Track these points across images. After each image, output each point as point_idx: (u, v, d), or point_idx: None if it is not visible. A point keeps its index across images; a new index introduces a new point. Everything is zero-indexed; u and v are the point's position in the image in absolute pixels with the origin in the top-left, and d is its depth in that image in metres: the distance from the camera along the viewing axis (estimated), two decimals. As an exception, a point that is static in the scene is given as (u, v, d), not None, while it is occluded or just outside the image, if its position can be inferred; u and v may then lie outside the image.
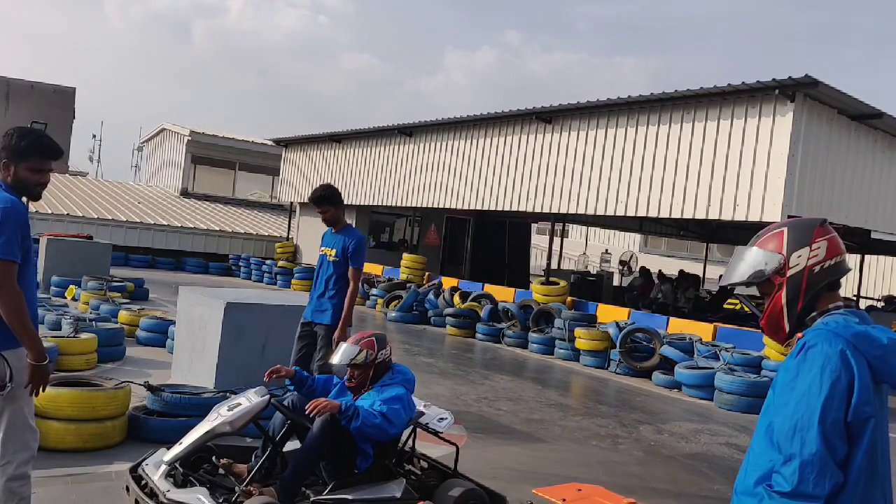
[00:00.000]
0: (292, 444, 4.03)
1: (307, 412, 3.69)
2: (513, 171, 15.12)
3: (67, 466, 4.58)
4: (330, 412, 3.66)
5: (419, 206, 18.17)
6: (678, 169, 11.83)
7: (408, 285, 16.54)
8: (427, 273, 17.79)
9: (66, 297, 12.23)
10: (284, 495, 3.58)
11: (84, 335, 7.36)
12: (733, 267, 2.02)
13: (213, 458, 3.92)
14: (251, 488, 3.59)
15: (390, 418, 3.76)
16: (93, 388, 5.06)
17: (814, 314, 1.91)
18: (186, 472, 3.70)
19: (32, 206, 19.47)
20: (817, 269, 1.90)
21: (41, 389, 3.10)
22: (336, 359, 4.02)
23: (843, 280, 2.02)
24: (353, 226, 5.72)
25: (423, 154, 17.86)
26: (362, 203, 20.27)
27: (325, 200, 5.47)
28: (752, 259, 1.96)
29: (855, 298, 18.97)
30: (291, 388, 4.21)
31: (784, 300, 1.91)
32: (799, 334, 1.90)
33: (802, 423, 1.71)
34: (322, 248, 5.60)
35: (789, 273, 1.90)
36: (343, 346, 4.06)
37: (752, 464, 1.86)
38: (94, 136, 49.16)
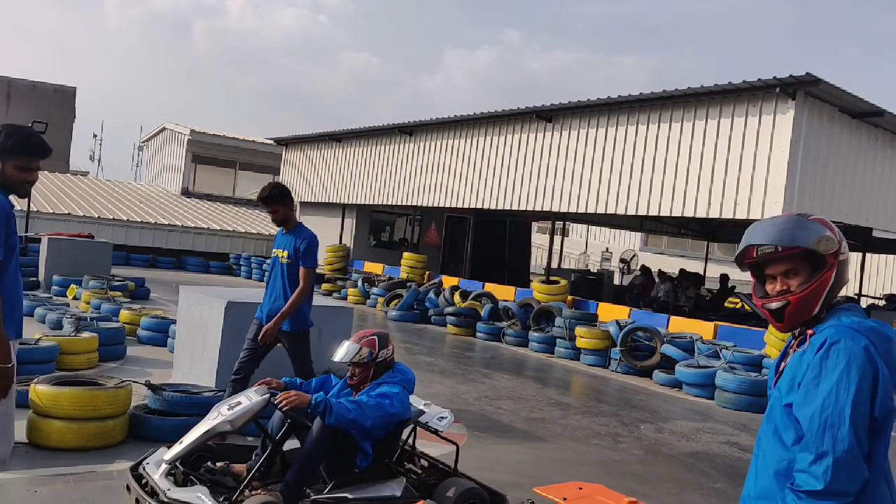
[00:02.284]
0: (291, 443, 4.02)
1: (276, 403, 3.62)
2: (513, 169, 15.11)
3: (69, 465, 4.59)
4: (298, 406, 3.60)
5: (419, 205, 18.17)
6: (678, 167, 11.82)
7: (408, 284, 16.55)
8: (427, 272, 17.79)
9: (67, 297, 12.26)
10: (288, 497, 3.58)
11: (85, 334, 7.38)
12: (793, 229, 1.88)
13: (209, 461, 3.92)
14: (256, 487, 3.58)
15: (365, 410, 3.66)
16: (94, 387, 5.07)
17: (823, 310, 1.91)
18: (187, 470, 3.70)
19: (33, 206, 19.49)
20: (846, 266, 1.94)
21: (2, 394, 2.99)
22: (337, 357, 3.99)
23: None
24: (305, 225, 5.56)
25: (423, 153, 17.85)
26: (362, 202, 20.28)
27: (274, 199, 5.32)
28: (817, 230, 1.87)
29: (856, 297, 18.96)
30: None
31: (832, 281, 1.89)
32: (809, 331, 1.89)
33: (833, 420, 1.70)
34: (274, 250, 5.48)
35: (842, 257, 1.90)
36: (345, 344, 4.04)
37: (762, 465, 1.85)
38: (95, 136, 48.95)
